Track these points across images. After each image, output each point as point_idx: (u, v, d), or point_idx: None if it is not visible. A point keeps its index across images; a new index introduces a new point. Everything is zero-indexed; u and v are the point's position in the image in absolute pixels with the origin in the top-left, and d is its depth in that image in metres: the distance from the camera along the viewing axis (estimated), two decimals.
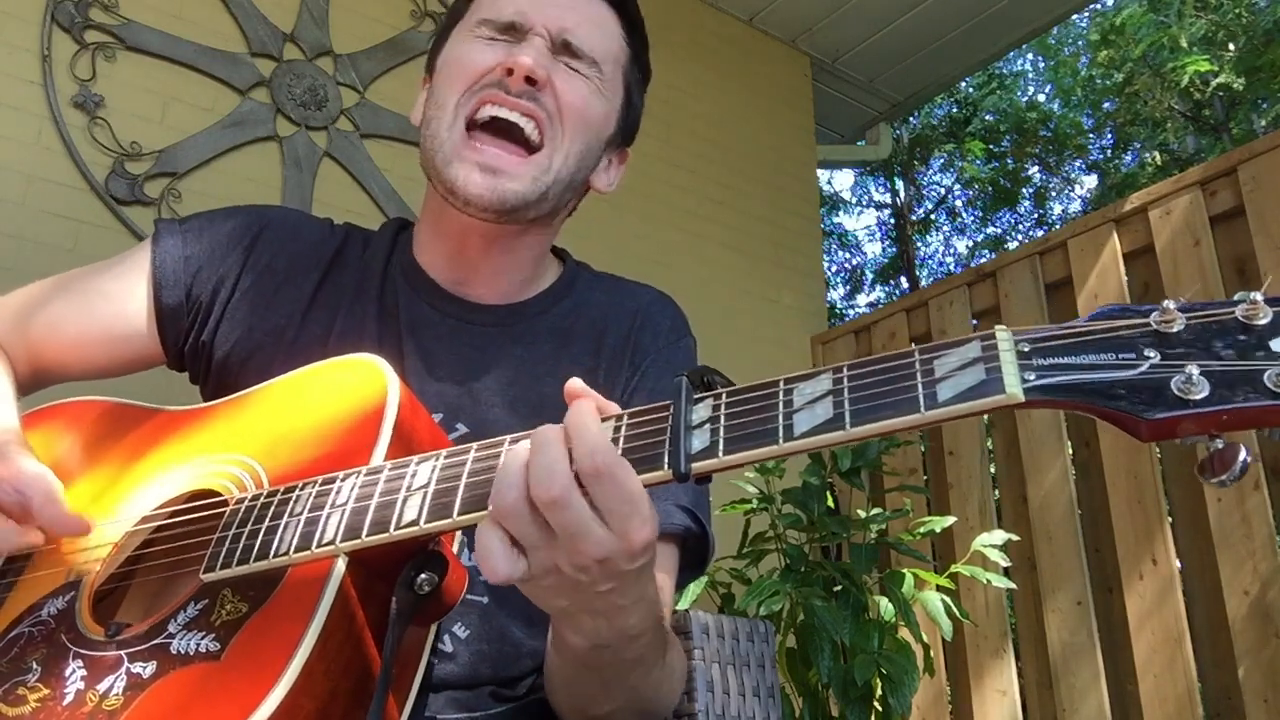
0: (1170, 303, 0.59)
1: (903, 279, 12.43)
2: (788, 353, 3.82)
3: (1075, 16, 8.57)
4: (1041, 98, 12.94)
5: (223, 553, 0.84)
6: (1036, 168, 12.76)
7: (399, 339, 1.12)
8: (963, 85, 11.27)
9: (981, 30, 4.32)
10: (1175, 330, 0.58)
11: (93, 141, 2.68)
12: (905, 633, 2.32)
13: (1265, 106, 10.11)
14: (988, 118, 12.03)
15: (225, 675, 0.76)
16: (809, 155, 4.39)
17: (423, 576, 0.80)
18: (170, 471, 0.98)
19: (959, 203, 13.14)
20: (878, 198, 13.12)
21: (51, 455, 1.04)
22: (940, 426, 3.30)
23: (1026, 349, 0.62)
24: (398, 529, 0.77)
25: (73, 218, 2.61)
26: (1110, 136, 12.65)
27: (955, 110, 12.09)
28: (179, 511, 0.94)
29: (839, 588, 2.35)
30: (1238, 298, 0.58)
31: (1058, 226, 11.43)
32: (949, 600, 2.36)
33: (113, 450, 1.04)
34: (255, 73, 2.97)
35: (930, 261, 13.30)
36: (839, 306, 12.45)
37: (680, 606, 2.06)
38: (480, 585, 1.03)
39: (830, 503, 2.57)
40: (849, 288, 13.04)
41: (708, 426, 0.70)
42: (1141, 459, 2.74)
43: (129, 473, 1.01)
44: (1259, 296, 0.57)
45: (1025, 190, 12.84)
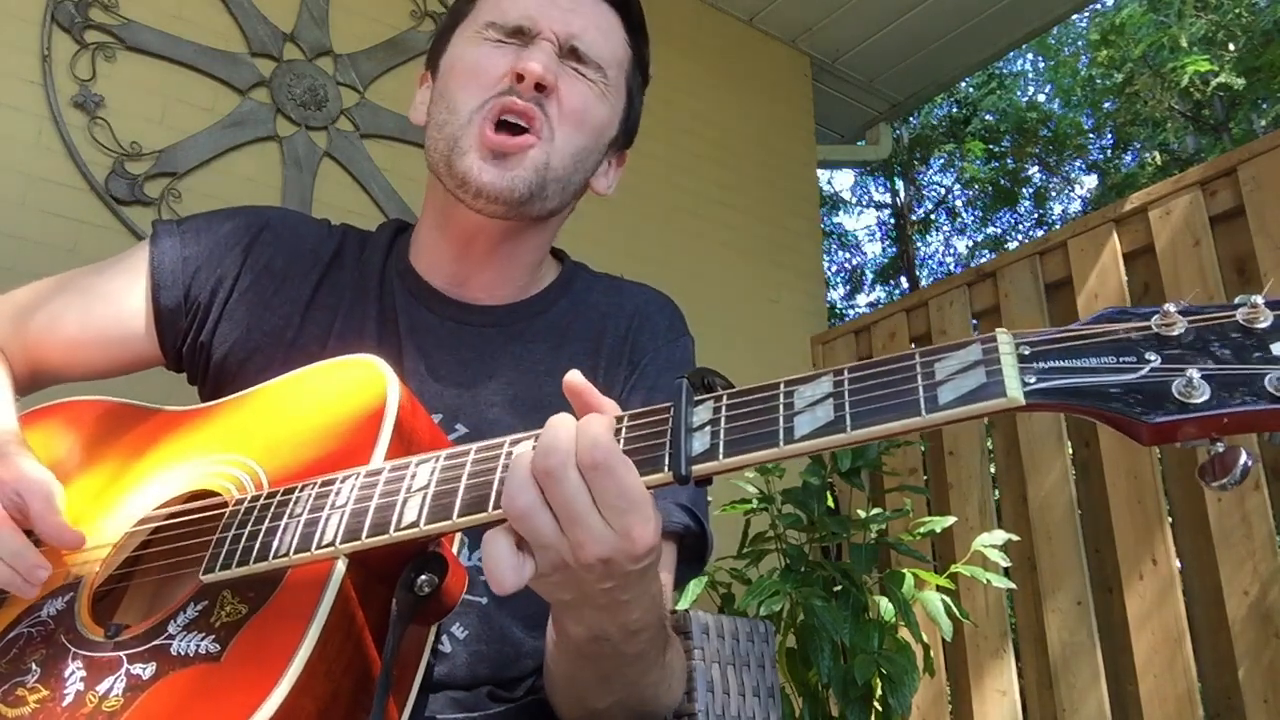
0: (1171, 306, 0.59)
1: (903, 279, 12.44)
2: (788, 353, 3.82)
3: (1075, 16, 8.57)
4: (1041, 98, 12.95)
5: (222, 554, 0.83)
6: (1036, 168, 12.76)
7: (398, 341, 1.12)
8: (963, 85, 11.27)
9: (981, 30, 4.32)
10: (1176, 333, 0.58)
11: (93, 141, 2.68)
12: (905, 633, 2.32)
13: (1265, 106, 10.11)
14: (988, 118, 12.03)
15: (225, 676, 0.76)
16: (809, 155, 4.38)
17: (423, 578, 0.80)
18: (169, 471, 0.98)
19: (959, 203, 13.15)
20: (878, 198, 13.13)
21: (50, 454, 1.04)
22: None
23: (1027, 352, 0.62)
24: (397, 530, 0.77)
25: (73, 218, 2.61)
26: (1110, 136, 12.65)
27: (955, 110, 12.09)
28: (178, 512, 0.94)
29: (839, 588, 2.35)
30: (1239, 301, 0.58)
31: (1058, 226, 11.45)
32: (949, 600, 2.36)
33: (112, 450, 1.04)
34: (255, 73, 2.97)
35: (930, 261, 13.31)
36: (839, 306, 12.46)
37: (680, 606, 2.06)
38: (480, 585, 1.03)
39: (830, 503, 2.57)
40: (849, 288, 13.05)
41: (708, 429, 0.70)
42: (1142, 459, 2.74)
43: (128, 473, 1.01)
44: (1260, 300, 0.57)
45: (1025, 190, 12.84)
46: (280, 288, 1.14)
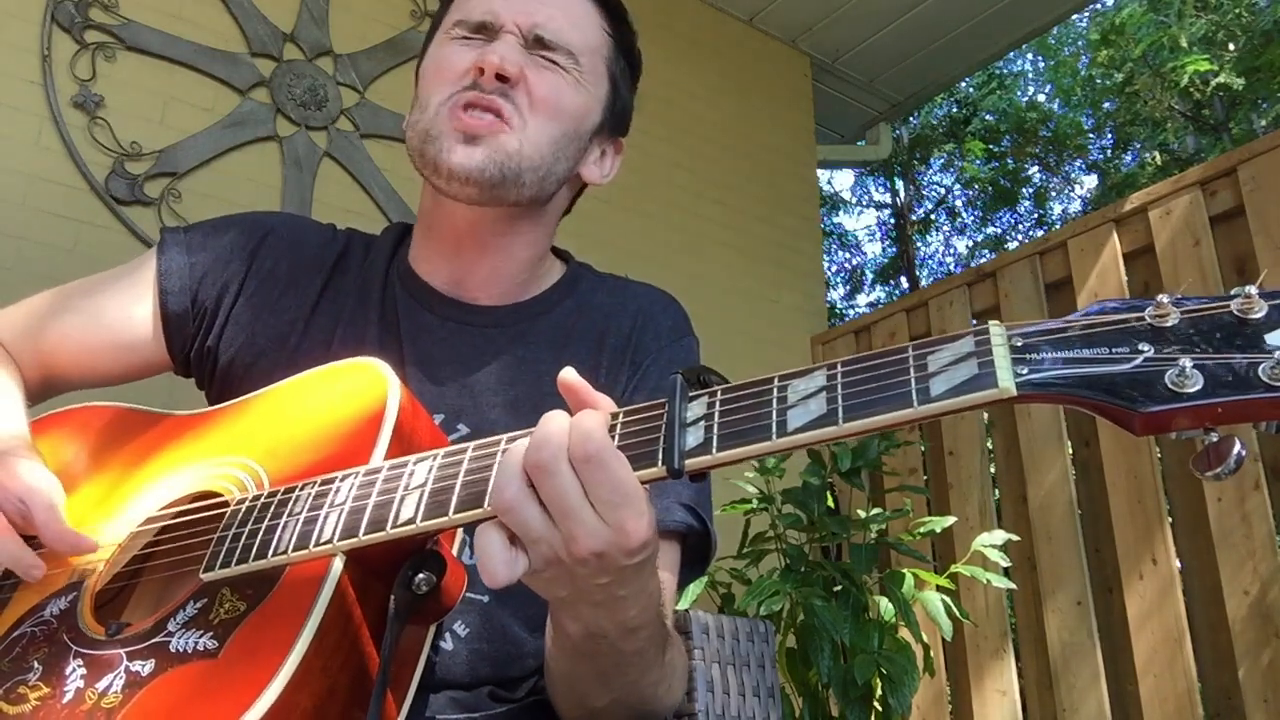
0: (1165, 297, 0.59)
1: (903, 279, 12.44)
2: (787, 353, 3.82)
3: (1075, 16, 8.58)
4: (1041, 98, 12.95)
5: (222, 552, 0.84)
6: (1036, 168, 12.76)
7: (399, 346, 1.12)
8: (963, 85, 11.28)
9: (981, 30, 4.33)
10: (1170, 324, 0.58)
11: (93, 141, 2.68)
12: (905, 633, 2.32)
13: (1265, 106, 10.11)
14: (988, 118, 12.04)
15: (222, 672, 0.77)
16: (809, 155, 4.39)
17: (420, 576, 0.80)
18: (174, 474, 0.99)
19: (959, 203, 13.15)
20: (878, 198, 13.13)
21: (60, 459, 1.06)
22: (940, 426, 3.30)
23: (1020, 343, 0.62)
24: (394, 527, 0.77)
25: (73, 218, 2.61)
26: (1110, 136, 12.65)
27: (955, 110, 12.09)
28: (181, 512, 0.95)
29: (839, 588, 2.35)
30: (1234, 292, 0.58)
31: (1058, 226, 11.45)
32: (949, 600, 2.36)
33: (119, 454, 1.06)
34: (255, 73, 2.97)
35: (930, 261, 13.31)
36: (839, 306, 12.46)
37: (680, 606, 2.06)
38: (482, 583, 1.03)
39: (830, 503, 2.57)
40: (849, 288, 13.06)
41: (702, 423, 0.70)
42: (1142, 459, 2.74)
43: (134, 476, 1.02)
44: (1254, 290, 0.57)
45: (1025, 190, 12.84)
46: (285, 293, 1.15)
